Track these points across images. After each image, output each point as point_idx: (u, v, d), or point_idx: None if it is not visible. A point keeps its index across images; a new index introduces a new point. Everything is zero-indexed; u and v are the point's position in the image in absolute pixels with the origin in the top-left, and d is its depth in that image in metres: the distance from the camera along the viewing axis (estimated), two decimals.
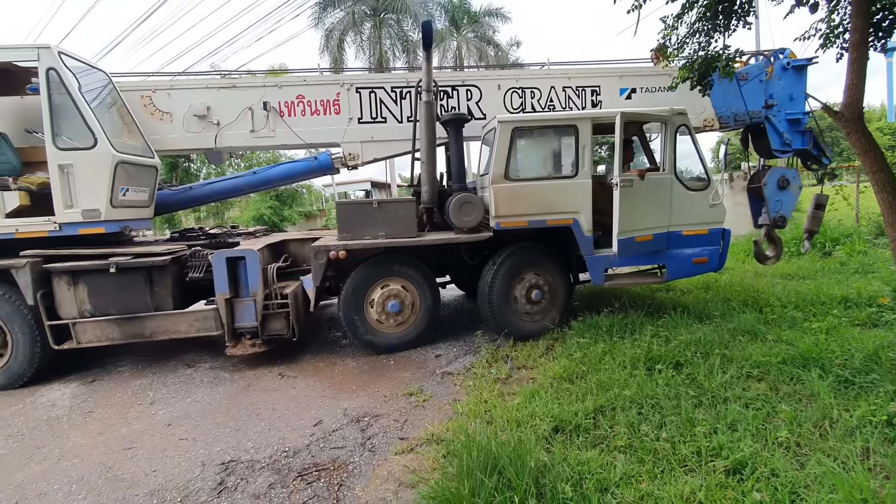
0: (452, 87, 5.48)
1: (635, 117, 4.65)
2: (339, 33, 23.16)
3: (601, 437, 2.73)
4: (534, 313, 4.79)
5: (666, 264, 4.82)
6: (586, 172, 4.52)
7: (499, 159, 4.45)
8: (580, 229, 4.56)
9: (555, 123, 4.65)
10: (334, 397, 3.75)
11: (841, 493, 2.00)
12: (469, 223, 4.50)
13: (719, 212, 4.84)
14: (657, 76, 5.68)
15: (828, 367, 3.22)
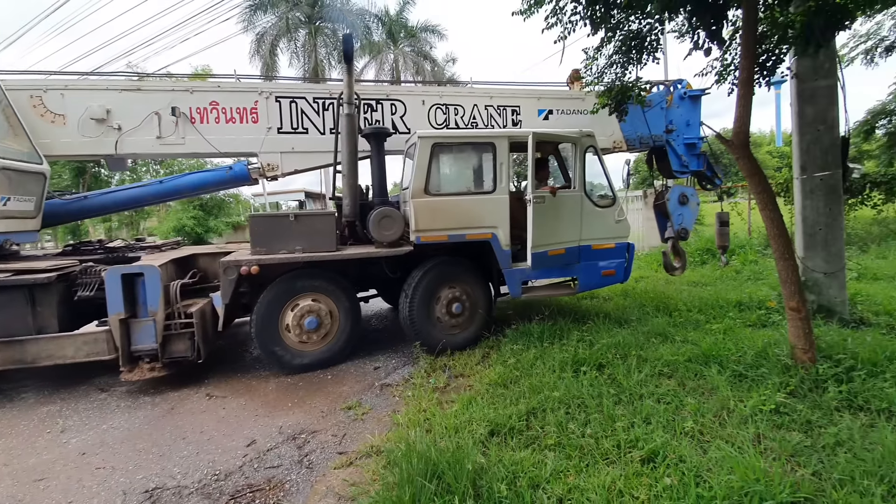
0: (377, 100, 5.46)
1: (547, 137, 4.90)
2: (271, 39, 22.47)
3: (533, 437, 2.89)
4: (455, 326, 4.84)
5: (578, 276, 5.08)
6: (504, 188, 4.70)
7: (419, 174, 4.52)
8: (498, 243, 4.71)
9: (474, 140, 4.84)
10: (268, 415, 3.62)
11: (737, 473, 2.29)
12: (389, 237, 4.49)
13: (624, 227, 5.23)
14: (571, 99, 6.04)
15: (725, 364, 3.65)
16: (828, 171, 4.60)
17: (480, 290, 4.98)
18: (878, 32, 10.93)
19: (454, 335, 4.82)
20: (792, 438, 2.65)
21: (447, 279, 4.80)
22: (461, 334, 4.86)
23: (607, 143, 5.98)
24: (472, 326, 4.91)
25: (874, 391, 3.04)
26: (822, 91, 4.58)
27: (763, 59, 4.09)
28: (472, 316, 4.91)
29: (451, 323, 4.82)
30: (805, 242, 4.77)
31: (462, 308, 4.83)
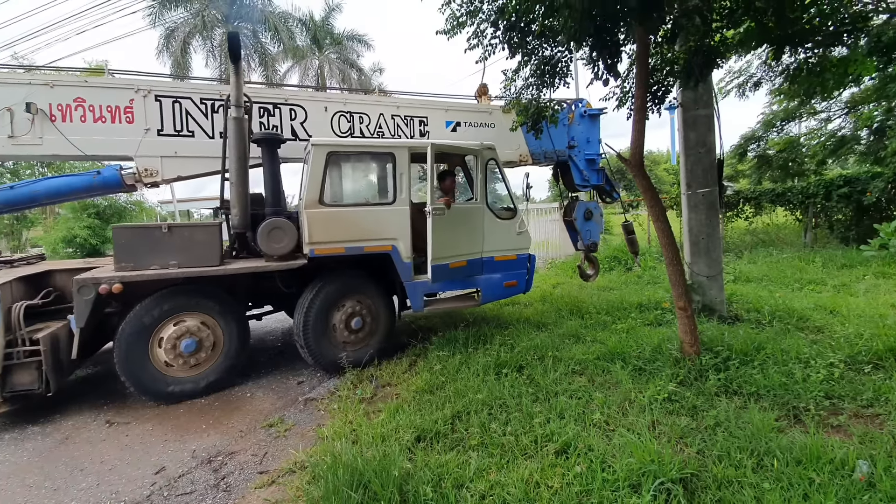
0: (274, 104, 5.12)
1: (447, 149, 4.86)
2: (183, 35, 20.96)
3: (458, 439, 3.00)
4: (355, 342, 4.65)
5: (480, 288, 5.07)
6: (404, 199, 4.62)
7: (313, 184, 4.33)
8: (399, 256, 4.61)
9: (372, 150, 4.77)
10: (179, 440, 3.37)
11: (636, 457, 2.57)
12: (279, 250, 4.24)
13: (525, 239, 5.30)
14: (479, 112, 6.05)
15: (628, 359, 4.05)
16: (708, 188, 5.30)
17: (382, 303, 4.83)
18: (748, 70, 12.81)
19: (354, 352, 4.61)
20: (681, 422, 3.01)
21: (346, 293, 4.61)
22: (362, 350, 4.66)
23: (514, 156, 6.11)
24: (374, 341, 4.76)
25: (745, 377, 3.55)
26: (702, 119, 5.29)
27: (655, 90, 4.64)
28: (373, 331, 4.77)
29: (350, 339, 4.61)
30: (691, 250, 5.45)
31: (362, 323, 4.65)
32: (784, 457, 2.53)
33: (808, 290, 6.64)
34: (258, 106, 4.99)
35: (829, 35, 3.75)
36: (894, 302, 5.43)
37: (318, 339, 4.45)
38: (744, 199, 10.76)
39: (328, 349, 4.50)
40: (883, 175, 8.72)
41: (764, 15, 3.87)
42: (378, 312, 4.80)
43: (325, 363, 4.49)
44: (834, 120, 13.61)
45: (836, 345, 4.09)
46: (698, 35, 4.17)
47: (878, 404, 3.13)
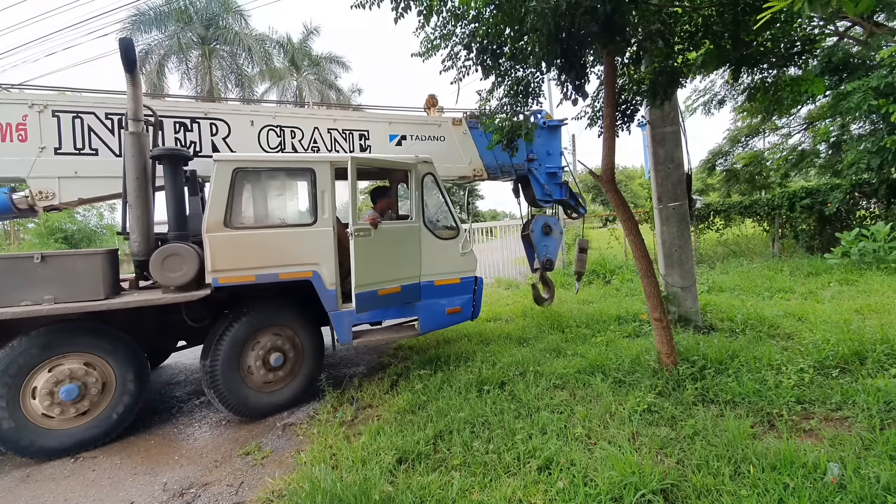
0: (192, 119, 4.67)
1: (373, 164, 4.54)
2: (158, 58, 20.84)
3: (440, 459, 2.96)
4: (275, 382, 4.16)
5: (419, 316, 4.62)
6: (327, 220, 4.20)
7: (216, 204, 3.89)
8: (321, 283, 4.16)
9: (288, 166, 4.27)
10: (150, 472, 3.23)
11: (617, 469, 2.58)
12: (177, 280, 3.75)
13: (470, 260, 4.87)
14: (426, 125, 5.62)
15: (608, 372, 4.09)
16: (678, 202, 5.48)
17: (308, 335, 4.35)
18: (713, 89, 13.43)
19: (274, 393, 4.16)
20: (660, 433, 3.04)
21: (264, 325, 4.12)
22: (284, 390, 4.20)
23: (467, 171, 5.76)
24: (299, 379, 4.30)
25: (721, 385, 3.62)
26: (669, 135, 5.50)
27: (624, 108, 4.82)
28: (297, 367, 4.31)
29: (268, 379, 4.12)
30: (665, 262, 5.59)
31: (284, 359, 4.18)
32: (760, 463, 2.58)
33: (777, 298, 6.86)
34: (174, 121, 4.58)
35: (782, 56, 3.98)
36: (858, 307, 5.66)
37: (230, 380, 3.90)
38: (714, 211, 11.15)
39: (242, 392, 3.97)
40: (841, 187, 9.18)
41: (721, 38, 4.09)
42: (304, 345, 4.33)
43: (239, 408, 3.96)
44: (794, 135, 14.34)
45: (805, 351, 4.23)
46: (662, 57, 4.38)
47: (846, 407, 3.22)
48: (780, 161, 13.28)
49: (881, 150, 7.76)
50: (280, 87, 24.68)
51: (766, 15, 1.76)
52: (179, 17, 20.70)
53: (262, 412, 4.07)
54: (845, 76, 8.88)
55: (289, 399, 4.22)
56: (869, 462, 2.50)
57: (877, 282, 6.96)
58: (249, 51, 22.22)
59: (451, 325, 4.98)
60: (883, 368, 3.67)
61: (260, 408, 4.07)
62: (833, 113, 10.18)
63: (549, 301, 6.15)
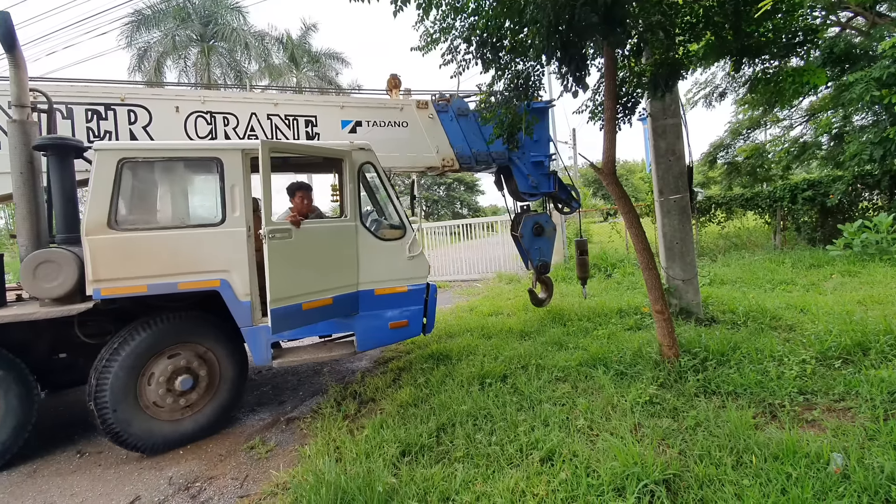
0: (107, 105, 4.16)
1: (297, 151, 3.97)
2: (157, 55, 20.79)
3: (444, 452, 2.98)
4: (183, 408, 3.54)
5: (356, 331, 3.99)
6: (239, 219, 3.55)
7: (97, 201, 3.28)
8: (232, 293, 3.52)
9: (188, 155, 3.64)
10: (155, 467, 3.25)
11: (620, 460, 2.59)
12: (52, 291, 3.22)
13: (420, 265, 4.19)
14: (386, 109, 4.95)
15: (609, 364, 4.10)
16: (679, 194, 5.47)
17: (225, 351, 3.71)
18: (714, 81, 13.37)
19: (181, 421, 3.53)
20: (662, 424, 3.05)
21: (168, 342, 3.49)
22: (193, 418, 3.58)
23: (435, 161, 5.08)
24: (214, 403, 3.67)
25: (723, 377, 3.62)
26: (670, 128, 5.47)
27: (625, 101, 4.80)
28: (211, 389, 3.68)
29: (175, 405, 3.50)
30: (666, 255, 5.58)
31: (194, 382, 3.55)
32: (762, 453, 2.58)
33: (779, 290, 6.85)
34: (85, 108, 4.10)
35: (784, 47, 3.96)
36: (860, 299, 5.65)
37: (123, 408, 3.27)
38: (715, 204, 11.12)
39: (139, 421, 3.34)
40: (843, 178, 9.15)
41: (722, 29, 4.07)
42: (220, 364, 3.71)
43: (136, 443, 3.33)
44: (795, 127, 14.27)
45: (807, 342, 4.23)
46: (663, 48, 4.35)
47: (849, 398, 3.23)
48: (782, 153, 13.23)
49: (883, 141, 7.73)
50: (280, 84, 24.60)
51: (765, 4, 1.75)
52: (177, 15, 20.64)
53: (166, 445, 3.45)
54: (847, 67, 8.83)
55: (201, 428, 3.61)
56: (873, 452, 2.50)
57: (879, 273, 6.94)
58: (247, 47, 22.15)
59: (396, 341, 4.37)
60: (886, 359, 3.67)
61: (164, 440, 3.45)
62: (835, 104, 10.13)
63: (547, 301, 5.83)
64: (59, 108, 4.00)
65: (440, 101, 5.21)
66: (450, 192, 44.37)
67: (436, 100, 5.24)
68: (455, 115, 5.03)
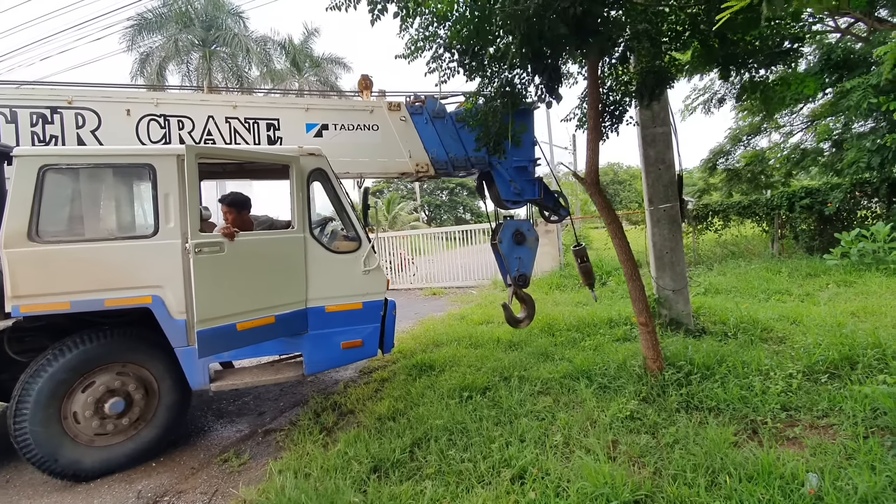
0: (53, 108, 3.95)
1: (233, 156, 3.65)
2: (158, 60, 20.96)
3: (415, 468, 2.92)
4: (114, 433, 3.29)
5: (303, 352, 3.73)
6: (173, 230, 3.31)
7: (16, 211, 3.06)
8: (165, 310, 3.28)
9: (116, 161, 3.38)
10: (126, 479, 3.21)
11: (590, 479, 2.53)
12: None
13: (376, 280, 3.92)
14: (354, 111, 4.69)
15: (593, 377, 4.04)
16: (669, 204, 5.41)
17: (165, 372, 3.46)
18: (712, 87, 13.28)
19: (112, 447, 3.28)
20: (640, 441, 2.99)
21: (99, 362, 3.26)
22: (127, 444, 3.33)
23: (408, 166, 4.78)
24: (154, 426, 3.42)
25: (706, 391, 3.56)
26: (660, 136, 5.42)
27: (611, 109, 4.75)
28: (148, 412, 3.43)
29: (104, 430, 3.25)
30: (656, 264, 5.52)
31: (127, 405, 3.30)
32: (737, 473, 2.52)
33: (774, 300, 6.76)
34: (29, 111, 3.90)
35: (769, 55, 3.91)
36: (854, 310, 5.56)
37: (45, 434, 3.04)
38: (712, 212, 11.02)
39: (64, 447, 3.11)
40: (841, 186, 9.04)
41: (709, 37, 4.03)
42: (159, 385, 3.46)
43: (63, 471, 3.11)
44: (795, 134, 14.17)
45: (795, 355, 4.16)
46: (649, 57, 4.31)
47: (832, 414, 3.16)
48: (781, 160, 13.13)
49: (881, 149, 7.63)
50: (282, 88, 24.73)
51: (724, 15, 1.71)
52: (179, 20, 20.81)
53: (97, 472, 3.23)
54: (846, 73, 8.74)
55: (136, 452, 3.37)
56: (849, 472, 2.43)
57: (875, 283, 6.84)
58: (248, 52, 22.29)
59: (349, 362, 4.13)
60: (872, 373, 3.59)
61: (94, 468, 3.22)
62: (834, 111, 10.04)
63: (525, 322, 4.95)
64: (3, 112, 3.81)
65: (414, 104, 4.92)
66: (452, 197, 44.42)
67: (409, 101, 4.93)
68: (430, 118, 4.80)
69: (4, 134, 3.81)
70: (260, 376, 3.72)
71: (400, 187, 37.20)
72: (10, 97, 3.90)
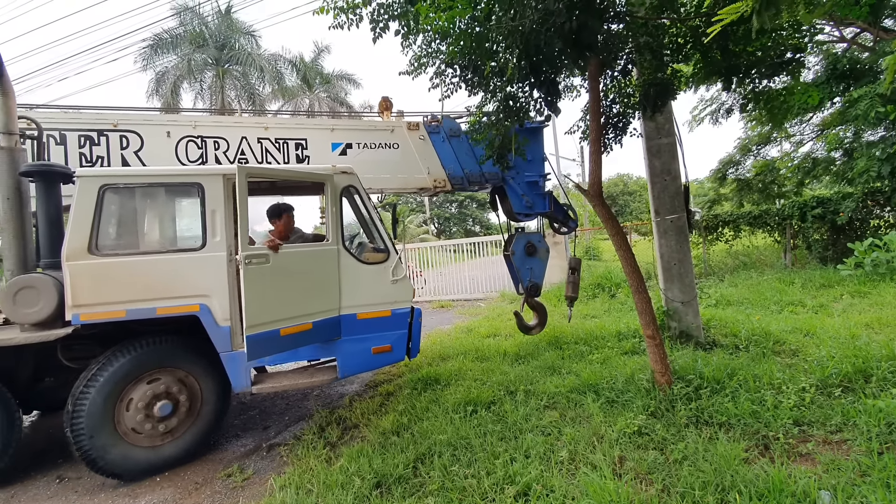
0: (99, 131, 4.28)
1: (276, 176, 3.95)
2: (173, 79, 21.54)
3: (418, 484, 2.89)
4: (161, 434, 3.53)
5: (337, 357, 3.94)
6: (220, 243, 3.59)
7: (78, 227, 3.35)
8: (211, 318, 3.54)
9: (169, 181, 3.69)
10: (130, 494, 3.22)
11: (594, 497, 2.48)
12: (32, 316, 3.26)
13: (404, 289, 4.17)
14: (376, 131, 5.01)
15: (600, 391, 3.98)
16: (676, 214, 5.37)
17: (207, 376, 3.72)
18: (719, 98, 13.27)
19: (160, 447, 3.53)
20: (648, 457, 2.93)
21: (150, 367, 3.52)
22: (173, 444, 3.58)
23: (426, 182, 5.09)
24: (194, 429, 3.66)
25: (717, 406, 3.47)
26: (665, 147, 5.41)
27: (615, 121, 4.77)
28: (191, 416, 3.68)
29: (154, 432, 3.50)
30: (664, 276, 5.46)
31: (173, 408, 3.55)
32: (748, 491, 2.45)
33: (787, 311, 6.63)
34: (78, 134, 4.22)
35: (771, 66, 3.91)
36: (868, 321, 5.43)
37: (99, 434, 3.28)
38: (722, 222, 10.91)
39: (116, 447, 3.35)
40: (853, 195, 8.92)
41: (710, 49, 4.04)
42: (202, 389, 3.73)
43: (112, 469, 3.34)
44: (806, 143, 14.04)
45: (808, 368, 4.06)
46: (651, 69, 4.33)
47: (846, 429, 3.07)
48: (792, 169, 13.00)
49: (891, 157, 7.53)
50: (293, 105, 25.20)
51: (716, 28, 1.72)
52: (193, 41, 21.41)
53: (144, 472, 3.47)
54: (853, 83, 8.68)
55: (180, 454, 3.62)
56: (863, 489, 2.36)
57: (890, 294, 6.68)
58: (262, 70, 22.81)
59: (379, 366, 4.32)
60: (887, 387, 3.49)
61: (142, 467, 3.46)
62: (842, 120, 9.95)
63: (537, 329, 5.32)
64: (53, 135, 4.13)
65: (431, 123, 5.24)
66: (462, 210, 44.57)
67: (427, 121, 5.26)
68: (447, 136, 5.08)
69: (54, 155, 4.13)
70: (296, 379, 3.92)
71: (409, 200, 37.43)
72: (59, 121, 4.23)
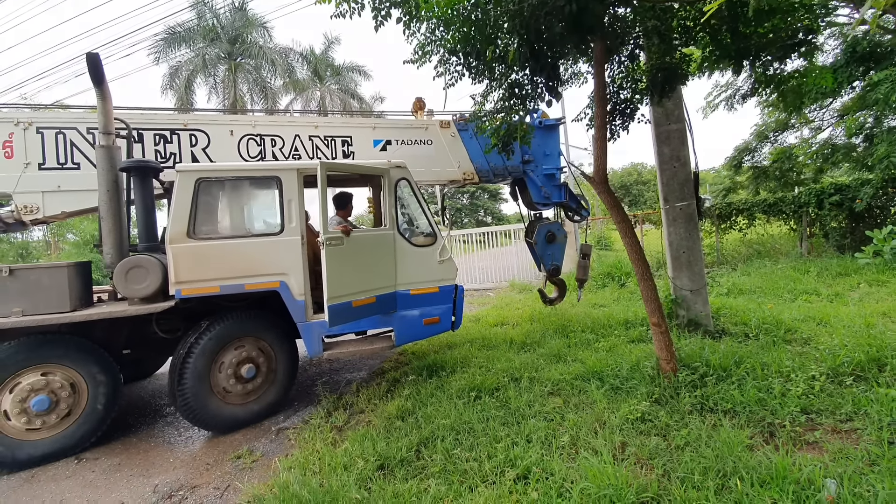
0: (172, 130, 4.73)
1: (345, 169, 4.39)
2: (187, 73, 21.75)
3: (421, 467, 2.94)
4: (248, 394, 4.09)
5: (394, 327, 4.47)
6: (295, 228, 4.12)
7: (178, 215, 3.88)
8: (289, 293, 4.09)
9: (253, 175, 4.23)
10: (143, 475, 3.33)
11: (593, 480, 2.50)
12: (141, 291, 3.77)
13: (449, 268, 4.71)
14: (412, 129, 5.49)
15: (605, 378, 3.97)
16: (685, 202, 5.28)
17: (281, 345, 4.28)
18: (735, 83, 12.92)
19: (246, 405, 4.08)
20: (650, 443, 2.93)
21: (236, 336, 4.05)
22: (256, 403, 4.13)
23: (456, 175, 5.61)
24: (273, 391, 4.22)
25: (722, 394, 3.45)
26: (674, 133, 5.31)
27: (622, 107, 4.69)
28: (269, 379, 4.22)
29: (241, 391, 4.04)
30: (673, 264, 5.39)
31: (256, 371, 4.10)
32: (749, 477, 2.44)
33: (801, 300, 6.51)
34: (153, 133, 4.68)
35: (782, 48, 3.79)
36: (885, 310, 5.30)
37: (198, 393, 3.82)
38: (736, 210, 10.68)
39: (213, 405, 3.89)
40: (872, 182, 8.65)
41: (719, 31, 3.94)
42: (277, 356, 4.26)
43: (208, 422, 3.89)
44: (825, 129, 13.63)
45: (820, 357, 3.99)
46: (659, 53, 4.25)
47: (857, 418, 3.02)
48: (811, 156, 12.64)
49: None
50: (304, 98, 25.29)
51: (712, 6, 1.68)
52: (206, 35, 21.57)
53: (232, 425, 3.99)
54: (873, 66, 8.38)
55: (260, 411, 4.14)
56: (871, 478, 2.32)
57: None
58: (273, 64, 22.89)
59: (429, 336, 4.76)
60: None
61: (231, 421, 3.98)
62: (862, 105, 9.62)
63: (558, 300, 6.11)
64: (133, 134, 4.57)
65: (460, 121, 5.67)
66: (473, 201, 44.40)
67: (457, 119, 5.70)
68: (474, 133, 5.44)
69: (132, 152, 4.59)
70: (360, 346, 4.55)
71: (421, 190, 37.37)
72: (137, 121, 4.61)
